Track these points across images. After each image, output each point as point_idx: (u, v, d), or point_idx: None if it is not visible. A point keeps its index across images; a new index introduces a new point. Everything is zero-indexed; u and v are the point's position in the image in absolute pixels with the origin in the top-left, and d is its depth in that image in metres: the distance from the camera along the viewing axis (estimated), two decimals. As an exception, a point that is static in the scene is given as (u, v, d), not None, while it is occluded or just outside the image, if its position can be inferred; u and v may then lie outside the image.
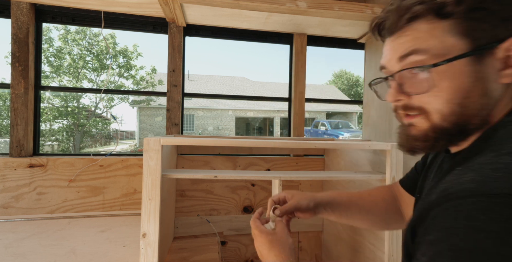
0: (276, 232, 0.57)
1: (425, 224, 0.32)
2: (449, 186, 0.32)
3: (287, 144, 1.04)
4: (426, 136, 0.39)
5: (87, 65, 12.10)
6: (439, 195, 0.32)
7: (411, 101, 0.39)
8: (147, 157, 0.93)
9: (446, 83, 0.36)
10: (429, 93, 0.37)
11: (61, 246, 1.04)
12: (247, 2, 1.25)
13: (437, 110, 0.37)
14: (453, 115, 0.37)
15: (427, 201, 0.34)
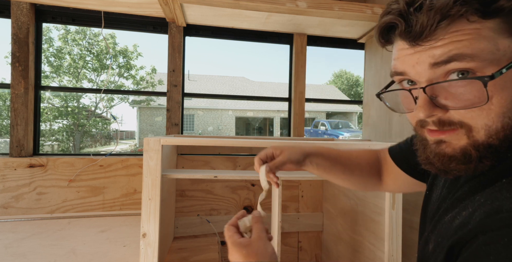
0: (251, 243, 0.47)
1: (473, 249, 0.27)
2: (503, 206, 0.27)
3: (288, 144, 1.04)
4: (467, 155, 0.32)
5: (87, 65, 12.10)
6: (493, 217, 0.27)
7: (448, 115, 0.32)
8: (147, 157, 0.93)
9: (500, 95, 0.29)
10: (476, 108, 0.30)
11: (61, 246, 1.04)
12: (247, 2, 1.25)
13: (483, 126, 0.30)
14: (504, 131, 0.30)
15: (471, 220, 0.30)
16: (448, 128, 0.32)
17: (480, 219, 0.28)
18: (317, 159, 0.63)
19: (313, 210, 1.67)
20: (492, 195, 0.30)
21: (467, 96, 0.30)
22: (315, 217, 1.66)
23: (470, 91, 0.30)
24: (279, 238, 1.03)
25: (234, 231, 0.50)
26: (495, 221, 0.26)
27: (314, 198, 1.68)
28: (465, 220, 0.31)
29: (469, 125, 0.31)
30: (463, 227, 0.30)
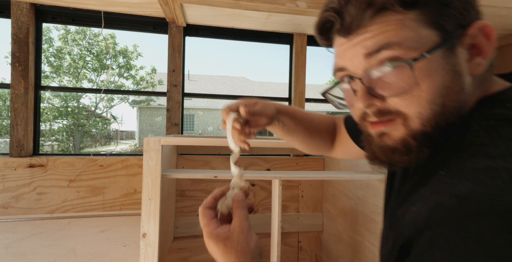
0: (231, 235, 0.39)
1: (419, 245, 0.28)
2: (444, 200, 0.28)
3: (287, 144, 1.04)
4: (407, 146, 0.34)
5: (87, 65, 12.12)
6: (434, 211, 0.28)
7: (385, 105, 0.34)
8: (147, 157, 0.93)
9: (427, 81, 0.31)
10: (407, 94, 0.32)
11: (61, 246, 1.04)
12: (247, 2, 1.25)
13: (417, 114, 0.32)
14: (434, 118, 0.32)
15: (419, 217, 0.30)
16: (387, 118, 0.34)
17: (426, 216, 0.29)
18: (285, 117, 0.60)
19: (313, 210, 1.67)
20: (434, 190, 0.31)
21: (399, 84, 0.32)
22: (315, 217, 1.66)
23: (401, 78, 0.32)
24: (279, 238, 1.03)
25: (210, 217, 0.42)
26: (437, 216, 0.27)
27: (314, 198, 1.68)
28: (415, 217, 0.31)
29: (404, 113, 0.33)
30: (413, 224, 0.31)
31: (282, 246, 1.60)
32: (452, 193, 0.28)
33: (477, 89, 0.34)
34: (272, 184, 1.06)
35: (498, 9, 1.25)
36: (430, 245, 0.27)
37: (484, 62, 0.33)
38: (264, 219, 1.56)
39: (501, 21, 1.37)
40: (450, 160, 0.31)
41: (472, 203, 0.25)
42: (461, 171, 0.29)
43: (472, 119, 0.32)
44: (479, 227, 0.24)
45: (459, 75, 0.32)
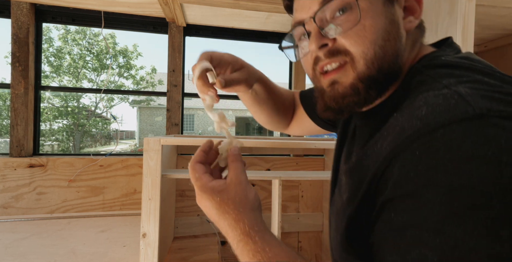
0: (227, 187, 0.37)
1: (389, 179, 0.28)
2: (406, 127, 0.28)
3: (287, 144, 1.04)
4: (356, 89, 0.35)
5: (87, 65, 12.11)
6: (397, 140, 0.28)
7: (335, 45, 0.36)
8: (147, 157, 0.93)
9: (369, 21, 0.34)
10: (353, 32, 0.34)
11: (61, 246, 1.04)
12: (247, 2, 1.25)
13: (362, 54, 0.34)
14: (376, 60, 0.34)
15: (376, 158, 0.31)
16: (337, 59, 0.36)
17: (390, 147, 0.29)
18: (260, 87, 0.58)
19: (313, 210, 1.67)
20: (392, 126, 0.31)
21: (346, 18, 0.34)
22: (315, 217, 1.66)
23: (348, 15, 0.34)
24: (279, 238, 1.03)
25: (203, 171, 0.39)
26: (402, 142, 0.27)
27: (314, 198, 1.68)
28: (377, 156, 0.32)
29: (351, 53, 0.35)
30: (373, 166, 0.31)
31: (282, 246, 1.60)
32: (411, 118, 0.29)
33: (411, 48, 0.38)
34: (272, 184, 1.06)
35: (498, 9, 1.25)
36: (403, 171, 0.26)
37: (415, 21, 0.37)
38: (264, 219, 1.55)
39: (501, 21, 1.37)
40: (402, 105, 0.33)
41: (434, 119, 0.26)
42: (414, 104, 0.30)
43: (415, 70, 0.35)
44: (445, 137, 0.24)
45: (397, 25, 0.35)
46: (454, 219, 0.22)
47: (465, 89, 0.27)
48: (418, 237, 0.23)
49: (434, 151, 0.24)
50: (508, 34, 1.55)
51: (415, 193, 0.24)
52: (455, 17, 0.79)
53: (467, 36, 0.78)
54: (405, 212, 0.25)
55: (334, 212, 0.43)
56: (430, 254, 0.22)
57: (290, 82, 1.75)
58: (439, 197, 0.23)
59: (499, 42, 1.59)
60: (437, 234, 0.22)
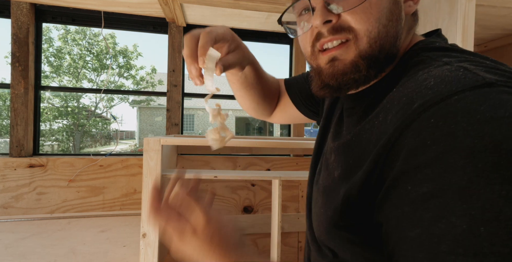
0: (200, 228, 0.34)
1: (400, 151, 0.27)
2: (414, 97, 0.28)
3: (287, 144, 1.04)
4: (357, 66, 0.35)
5: (87, 65, 12.11)
6: (406, 110, 0.28)
7: (340, 21, 0.35)
8: (147, 157, 0.93)
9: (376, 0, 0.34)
10: (359, 9, 0.34)
11: (61, 246, 1.04)
12: (247, 2, 1.25)
13: (366, 32, 0.34)
14: (379, 39, 0.34)
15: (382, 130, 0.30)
16: (339, 36, 0.35)
17: (398, 119, 0.28)
18: (250, 70, 0.56)
19: (313, 210, 1.67)
20: (395, 99, 0.31)
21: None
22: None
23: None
24: (279, 238, 1.03)
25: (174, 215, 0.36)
26: (412, 112, 0.27)
27: (314, 198, 1.68)
28: (378, 132, 0.31)
29: (355, 30, 0.34)
30: (380, 138, 0.30)
31: (282, 246, 1.60)
32: (419, 89, 0.28)
33: (406, 33, 0.38)
34: (272, 184, 1.06)
35: (498, 9, 1.25)
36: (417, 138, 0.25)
37: (414, 6, 0.37)
38: (264, 219, 1.56)
39: (501, 21, 1.37)
40: (399, 82, 0.33)
41: (445, 88, 0.26)
42: (417, 78, 0.30)
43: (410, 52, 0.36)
44: (461, 103, 0.24)
45: (399, 6, 0.35)
46: (480, 180, 0.21)
47: (467, 65, 0.28)
48: (442, 206, 0.22)
49: (451, 117, 0.24)
50: (508, 34, 1.55)
51: (435, 161, 0.23)
52: (455, 17, 0.79)
53: (467, 36, 0.78)
54: (425, 182, 0.24)
55: (320, 191, 0.41)
56: (458, 222, 0.21)
57: (290, 82, 1.75)
58: (462, 161, 0.22)
59: (499, 42, 1.59)
60: (464, 199, 0.21)
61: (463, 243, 0.21)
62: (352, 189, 0.32)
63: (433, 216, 0.23)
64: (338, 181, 0.36)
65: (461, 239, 0.21)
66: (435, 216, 0.23)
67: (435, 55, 0.33)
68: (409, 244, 0.24)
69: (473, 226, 0.21)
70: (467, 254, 0.21)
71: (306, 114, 0.65)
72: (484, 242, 0.20)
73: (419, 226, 0.24)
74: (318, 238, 0.42)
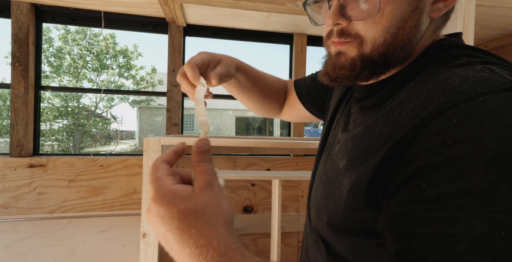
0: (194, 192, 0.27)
1: (415, 148, 0.26)
2: (435, 95, 0.27)
3: (287, 144, 1.04)
4: (353, 65, 0.37)
5: (87, 65, 12.11)
6: (425, 108, 0.27)
7: (349, 26, 0.36)
8: (147, 157, 0.93)
9: (389, 9, 0.33)
10: (370, 19, 0.34)
11: (61, 246, 1.04)
12: (247, 2, 1.25)
13: (371, 39, 0.35)
14: (384, 46, 0.35)
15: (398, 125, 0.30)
16: (346, 39, 0.37)
17: (416, 116, 0.28)
18: (242, 75, 0.60)
19: (313, 210, 1.67)
20: (413, 94, 0.31)
21: (366, 7, 0.34)
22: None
23: (369, 2, 0.34)
24: (279, 238, 1.03)
25: (166, 172, 0.29)
26: (433, 110, 0.26)
27: (314, 198, 1.68)
28: (392, 126, 0.31)
29: (362, 37, 0.35)
30: (393, 133, 0.30)
31: (282, 246, 1.60)
32: (441, 87, 0.28)
33: (431, 34, 0.37)
34: (272, 184, 1.06)
35: (498, 9, 1.25)
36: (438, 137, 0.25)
37: (445, 9, 0.35)
38: (264, 219, 1.56)
39: (501, 21, 1.37)
40: (416, 77, 0.33)
41: (470, 88, 0.25)
42: (438, 76, 0.30)
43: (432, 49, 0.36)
44: (486, 105, 0.24)
45: (419, 12, 0.34)
46: (504, 184, 0.21)
47: (492, 67, 0.28)
48: (462, 207, 0.22)
49: (475, 118, 0.23)
50: (508, 34, 1.55)
51: (456, 161, 0.23)
52: (455, 17, 0.79)
53: (467, 36, 0.78)
54: (444, 181, 0.23)
55: (323, 181, 0.42)
56: (478, 223, 0.21)
57: (290, 82, 1.75)
58: (485, 163, 0.22)
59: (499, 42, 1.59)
60: (486, 202, 0.21)
61: (483, 245, 0.21)
62: (359, 182, 0.32)
63: (451, 216, 0.22)
64: (342, 172, 0.36)
65: (481, 240, 0.21)
66: (454, 216, 0.22)
67: (457, 53, 0.33)
68: (422, 241, 0.24)
69: (494, 229, 0.21)
70: (487, 256, 0.20)
71: (312, 112, 0.66)
72: (506, 246, 0.20)
73: (435, 224, 0.23)
74: (315, 228, 0.42)
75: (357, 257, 0.33)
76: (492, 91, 0.24)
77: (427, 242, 0.24)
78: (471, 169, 0.22)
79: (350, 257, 0.34)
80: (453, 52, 0.33)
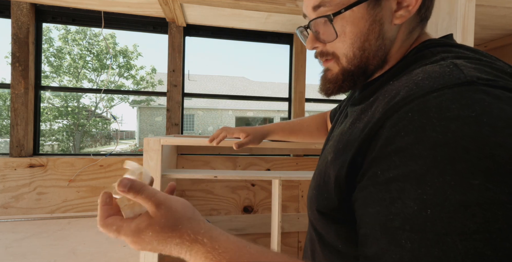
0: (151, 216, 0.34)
1: (379, 139, 0.29)
2: (400, 91, 0.31)
3: (287, 144, 1.04)
4: (336, 79, 0.43)
5: (87, 65, 12.11)
6: (390, 103, 0.31)
7: (326, 47, 0.43)
8: (147, 157, 0.93)
9: (349, 29, 0.39)
10: (338, 39, 0.40)
11: (61, 246, 1.04)
12: (247, 2, 1.25)
13: (343, 55, 0.41)
14: (355, 58, 0.40)
15: (370, 119, 0.33)
16: (326, 58, 0.43)
17: (384, 110, 0.31)
18: (274, 136, 0.89)
19: (313, 210, 1.67)
20: (387, 91, 0.34)
21: (330, 32, 0.40)
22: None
23: (330, 28, 0.40)
24: (279, 238, 1.03)
25: (118, 221, 0.35)
26: (395, 104, 0.30)
27: (314, 198, 1.68)
28: (367, 121, 0.34)
29: (337, 54, 0.42)
30: (366, 126, 0.33)
31: (282, 246, 1.60)
32: (407, 83, 0.31)
33: (406, 36, 0.41)
34: (272, 184, 1.06)
35: (498, 9, 1.25)
36: (396, 130, 0.28)
37: (408, 15, 0.38)
38: (264, 219, 1.56)
39: (501, 21, 1.37)
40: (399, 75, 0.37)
41: (428, 84, 0.28)
42: (412, 72, 0.33)
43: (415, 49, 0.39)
44: (437, 100, 0.26)
45: (378, 24, 0.38)
46: (435, 171, 0.24)
47: (460, 61, 0.31)
48: (401, 189, 0.25)
49: (425, 112, 0.26)
50: (508, 34, 1.55)
51: (403, 150, 0.26)
52: (455, 17, 0.79)
53: (467, 36, 0.78)
54: (392, 168, 0.27)
55: (316, 174, 0.45)
56: (411, 204, 0.24)
57: (290, 82, 1.75)
58: (424, 152, 0.25)
59: (499, 42, 1.59)
60: (419, 185, 0.24)
61: (411, 221, 0.24)
62: (341, 173, 0.35)
63: (392, 197, 0.26)
64: (329, 165, 0.39)
65: (410, 218, 0.24)
66: (394, 197, 0.26)
67: (436, 50, 0.36)
68: (369, 218, 0.28)
69: (422, 208, 0.24)
70: (412, 230, 0.24)
71: None
72: (428, 222, 0.23)
73: (379, 204, 0.27)
74: (309, 220, 0.46)
75: (346, 245, 0.36)
76: (446, 86, 0.27)
77: (373, 219, 0.28)
78: (413, 157, 0.25)
79: (340, 245, 0.37)
80: (433, 50, 0.36)
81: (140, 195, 0.33)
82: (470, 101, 0.25)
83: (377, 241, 0.27)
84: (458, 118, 0.24)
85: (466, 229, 0.22)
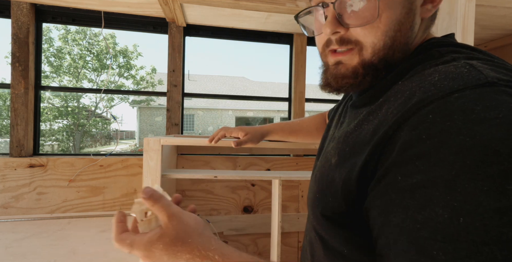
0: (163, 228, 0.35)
1: (396, 143, 0.28)
2: (417, 91, 0.29)
3: (287, 144, 1.04)
4: (356, 73, 0.38)
5: (87, 65, 12.11)
6: (406, 105, 0.29)
7: (348, 34, 0.37)
8: (147, 157, 0.93)
9: (387, 14, 0.34)
10: (370, 25, 0.35)
11: (61, 246, 1.04)
12: (247, 2, 1.25)
13: (371, 44, 0.36)
14: (384, 49, 0.36)
15: (382, 121, 0.31)
16: (346, 47, 0.38)
17: (399, 112, 0.29)
18: (273, 136, 0.87)
19: (313, 210, 1.67)
20: (399, 92, 0.32)
21: (364, 14, 0.35)
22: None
23: (367, 8, 0.35)
24: (279, 238, 1.03)
25: (131, 236, 0.35)
26: (412, 106, 0.28)
27: (314, 198, 1.68)
28: (379, 123, 0.32)
29: (362, 43, 0.36)
30: (378, 129, 0.31)
31: (282, 246, 1.60)
32: (422, 84, 0.29)
33: (422, 33, 0.39)
34: (272, 184, 1.06)
35: (498, 9, 1.25)
36: (415, 133, 0.26)
37: (433, 9, 0.37)
38: (264, 219, 1.56)
39: (501, 21, 1.37)
40: (406, 75, 0.34)
41: (447, 84, 0.27)
42: (423, 73, 0.31)
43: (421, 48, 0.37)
44: (459, 102, 0.25)
45: (413, 14, 0.36)
46: (465, 176, 0.22)
47: (475, 62, 0.29)
48: (429, 196, 0.24)
49: (448, 114, 0.25)
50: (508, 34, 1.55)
51: (427, 154, 0.25)
52: (455, 17, 0.79)
53: (467, 36, 0.78)
54: (415, 173, 0.25)
55: (317, 178, 0.43)
56: (440, 212, 0.23)
57: (290, 82, 1.75)
58: (451, 156, 0.23)
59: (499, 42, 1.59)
60: (448, 191, 0.23)
61: (442, 231, 0.22)
62: (350, 177, 0.33)
63: (418, 205, 0.24)
64: (333, 168, 0.37)
65: (441, 227, 0.22)
66: (420, 205, 0.24)
67: (445, 50, 0.34)
68: (392, 229, 0.26)
69: (453, 216, 0.22)
70: (445, 240, 0.22)
71: None
72: (462, 231, 0.22)
73: (404, 213, 0.25)
74: (312, 224, 0.44)
75: (352, 250, 0.35)
76: (467, 87, 0.26)
77: (397, 230, 0.25)
78: (439, 162, 0.24)
79: (346, 250, 0.35)
80: (441, 50, 0.35)
81: (157, 204, 0.35)
82: (494, 102, 0.24)
83: (403, 252, 0.24)
84: (484, 120, 0.23)
85: (505, 238, 0.20)
